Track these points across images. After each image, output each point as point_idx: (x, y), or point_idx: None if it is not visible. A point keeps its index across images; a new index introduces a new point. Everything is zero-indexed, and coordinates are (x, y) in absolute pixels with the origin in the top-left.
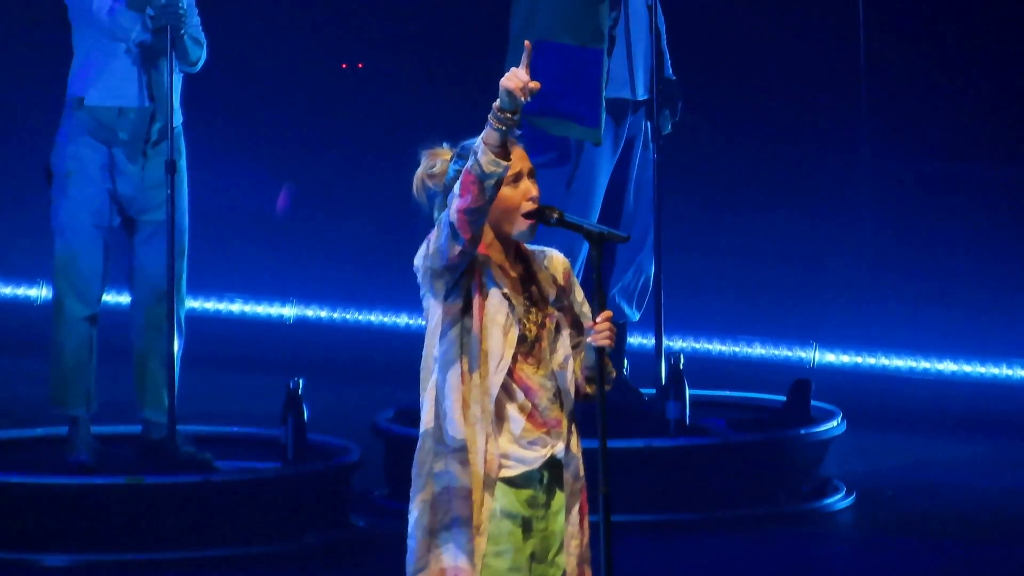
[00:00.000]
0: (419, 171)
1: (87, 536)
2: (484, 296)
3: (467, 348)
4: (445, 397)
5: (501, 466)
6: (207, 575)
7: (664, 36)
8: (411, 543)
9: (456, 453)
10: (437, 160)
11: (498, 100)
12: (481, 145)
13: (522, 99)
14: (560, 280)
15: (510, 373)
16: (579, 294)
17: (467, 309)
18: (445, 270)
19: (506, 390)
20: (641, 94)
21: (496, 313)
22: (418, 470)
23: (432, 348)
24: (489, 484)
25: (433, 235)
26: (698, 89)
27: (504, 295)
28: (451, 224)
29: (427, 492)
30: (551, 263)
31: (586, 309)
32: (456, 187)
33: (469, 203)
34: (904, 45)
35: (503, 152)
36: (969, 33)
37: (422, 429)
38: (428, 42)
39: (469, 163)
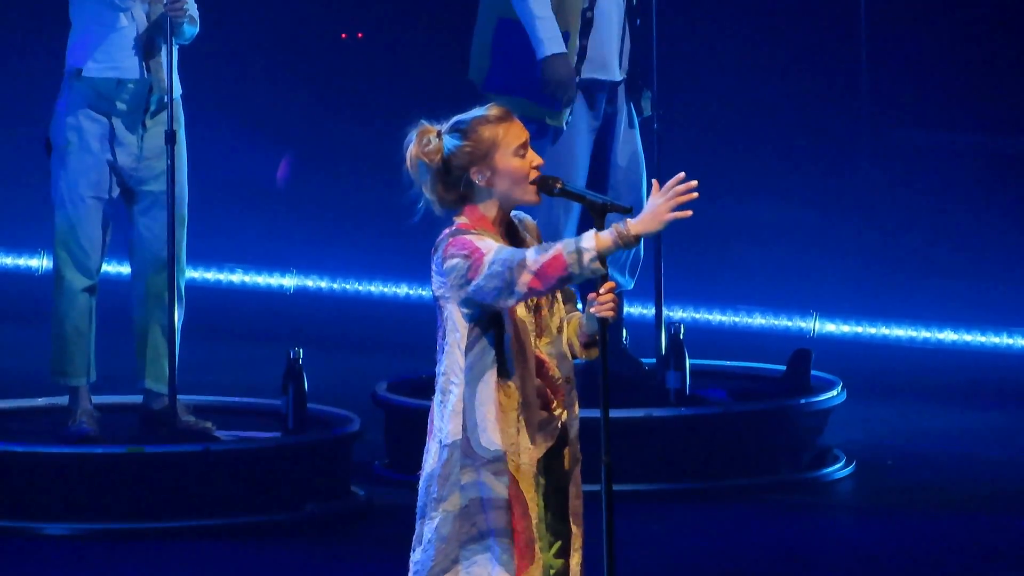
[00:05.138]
0: (413, 149)
1: (88, 505)
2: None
3: (502, 356)
4: (476, 409)
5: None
6: (207, 544)
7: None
8: (430, 550)
9: (491, 464)
10: (430, 137)
11: (637, 224)
12: (593, 251)
13: None
14: (535, 243)
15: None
16: None
17: (495, 317)
18: (484, 305)
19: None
20: (619, 75)
21: (519, 309)
22: (442, 481)
23: (458, 358)
24: (538, 485)
25: (480, 268)
26: (697, 61)
27: None
28: (512, 283)
29: (452, 503)
30: (527, 229)
31: None
32: (533, 260)
33: (543, 287)
34: (905, 13)
35: (604, 261)
36: (971, 2)
37: (448, 440)
38: (427, 12)
39: (568, 259)
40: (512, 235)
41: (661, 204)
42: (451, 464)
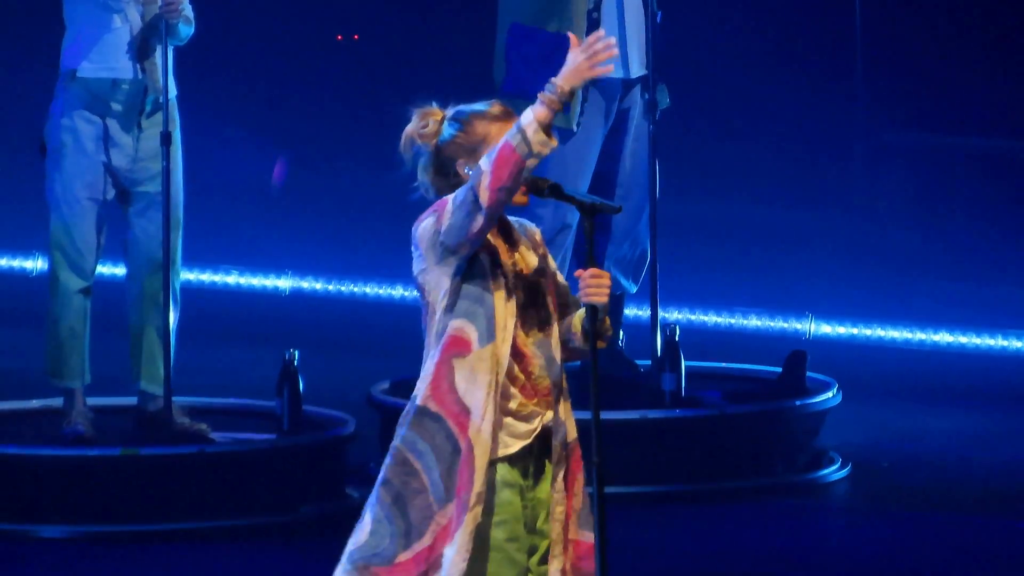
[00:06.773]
0: (409, 128)
1: (83, 507)
2: (492, 268)
3: (478, 319)
4: (454, 370)
5: (501, 442)
6: (202, 546)
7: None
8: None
9: (440, 425)
10: (429, 120)
11: (562, 80)
12: (534, 123)
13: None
14: (538, 249)
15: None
16: (552, 263)
17: (475, 280)
18: (461, 246)
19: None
20: (636, 71)
21: (497, 284)
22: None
23: (436, 323)
24: (494, 455)
25: (446, 210)
26: (693, 62)
27: (496, 263)
28: (477, 201)
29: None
30: (528, 232)
31: (560, 277)
32: (486, 163)
33: (506, 182)
34: (900, 16)
35: (550, 133)
36: (966, 5)
37: (420, 404)
38: (423, 13)
39: (513, 141)
40: (506, 235)
41: (583, 61)
42: (418, 427)
